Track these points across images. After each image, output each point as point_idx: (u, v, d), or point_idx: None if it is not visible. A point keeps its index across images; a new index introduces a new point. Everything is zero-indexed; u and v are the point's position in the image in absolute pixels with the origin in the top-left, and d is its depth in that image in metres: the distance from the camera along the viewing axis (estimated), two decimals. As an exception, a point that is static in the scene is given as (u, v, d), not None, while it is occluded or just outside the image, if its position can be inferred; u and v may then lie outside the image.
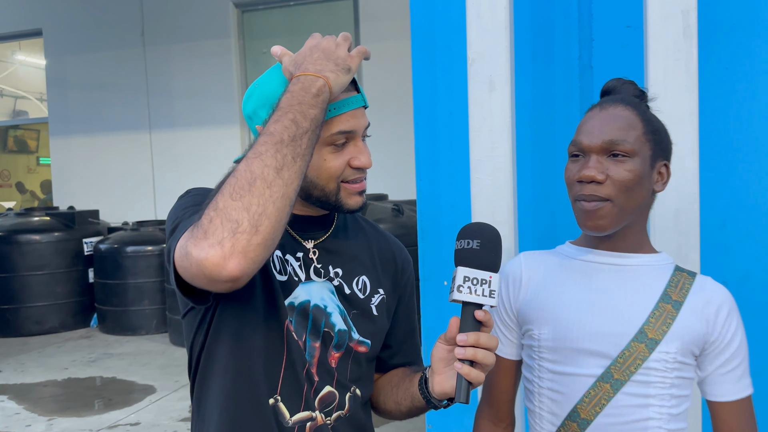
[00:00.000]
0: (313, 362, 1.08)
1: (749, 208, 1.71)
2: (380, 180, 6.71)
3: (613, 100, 1.12)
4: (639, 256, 1.13)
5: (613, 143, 1.06)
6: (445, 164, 1.91)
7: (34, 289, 6.10)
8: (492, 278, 0.96)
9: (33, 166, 11.02)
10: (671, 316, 1.08)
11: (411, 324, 1.27)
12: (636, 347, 1.07)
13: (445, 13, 1.86)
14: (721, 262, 1.73)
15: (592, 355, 1.09)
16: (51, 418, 3.97)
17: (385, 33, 6.27)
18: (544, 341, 1.13)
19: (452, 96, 1.88)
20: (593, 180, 1.05)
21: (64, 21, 7.70)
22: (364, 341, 1.14)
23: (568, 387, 1.11)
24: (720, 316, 1.09)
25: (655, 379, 1.07)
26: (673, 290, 1.10)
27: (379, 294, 1.17)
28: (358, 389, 1.14)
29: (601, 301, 1.10)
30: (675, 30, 1.46)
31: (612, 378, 1.07)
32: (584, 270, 1.14)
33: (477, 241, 0.98)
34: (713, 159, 1.72)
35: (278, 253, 1.08)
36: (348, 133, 1.04)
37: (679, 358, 1.08)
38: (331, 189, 1.05)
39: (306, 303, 1.08)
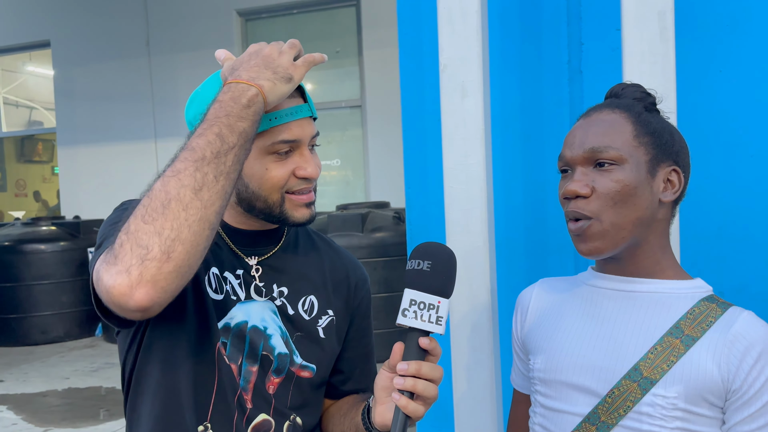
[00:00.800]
0: (249, 387, 1.02)
1: (746, 216, 1.66)
2: (382, 188, 6.68)
3: (601, 106, 1.01)
4: (653, 282, 0.98)
5: (595, 151, 0.94)
6: (433, 173, 1.87)
7: (40, 299, 6.13)
8: (441, 303, 0.88)
9: (48, 176, 11.13)
10: (676, 354, 0.90)
11: (365, 348, 1.19)
12: (627, 386, 0.91)
13: (429, 20, 1.83)
14: (717, 271, 1.67)
15: (582, 392, 0.96)
16: (47, 429, 3.96)
17: (387, 40, 6.25)
18: (537, 371, 1.03)
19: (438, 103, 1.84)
20: (578, 195, 0.94)
21: (72, 32, 7.77)
22: (308, 366, 1.07)
23: (555, 425, 0.99)
24: (747, 359, 0.88)
25: (648, 427, 0.90)
26: (689, 323, 0.92)
27: (328, 315, 1.10)
28: (299, 417, 1.07)
29: (600, 331, 0.97)
30: (651, 32, 1.40)
31: (599, 420, 0.93)
32: (589, 296, 1.02)
33: (428, 262, 0.90)
34: (706, 166, 1.67)
35: (215, 271, 1.02)
36: (291, 142, 0.99)
37: (681, 405, 0.89)
38: (275, 200, 1.00)
39: (243, 324, 1.02)
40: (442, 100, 1.55)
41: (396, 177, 5.92)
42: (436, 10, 1.65)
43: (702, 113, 1.67)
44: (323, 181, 7.33)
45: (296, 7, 7.04)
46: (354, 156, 7.16)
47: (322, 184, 7.32)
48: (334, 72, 7.20)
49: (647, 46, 1.40)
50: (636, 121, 0.97)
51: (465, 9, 1.52)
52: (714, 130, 1.66)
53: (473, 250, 1.52)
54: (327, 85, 7.30)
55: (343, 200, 6.87)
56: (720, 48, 1.64)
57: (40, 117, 10.18)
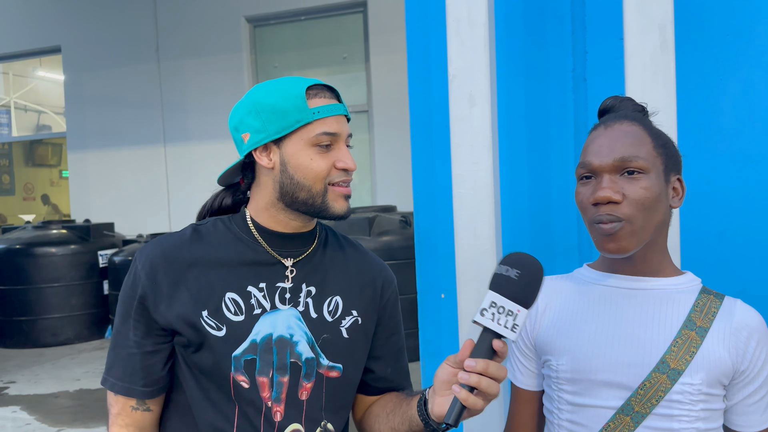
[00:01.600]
0: (281, 398, 1.07)
1: (747, 220, 1.70)
2: (388, 191, 6.74)
3: (617, 117, 1.07)
4: (660, 280, 1.07)
5: (625, 160, 1.01)
6: (441, 178, 1.92)
7: (50, 301, 6.20)
8: (520, 312, 0.92)
9: (56, 180, 11.22)
10: (695, 344, 1.01)
11: (395, 345, 1.24)
12: (657, 378, 1.00)
13: (438, 31, 1.88)
14: (718, 275, 1.71)
15: (612, 387, 1.04)
16: (60, 429, 4.03)
17: (395, 45, 6.31)
18: (563, 372, 1.08)
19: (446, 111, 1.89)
20: (610, 200, 1.00)
21: (82, 38, 7.86)
22: (335, 366, 1.12)
23: (587, 419, 1.05)
24: (750, 344, 1.02)
25: (678, 412, 1.00)
26: (698, 315, 1.03)
27: (352, 316, 1.15)
28: (330, 423, 1.12)
29: (621, 329, 1.05)
30: (652, 44, 1.46)
31: (632, 410, 1.01)
32: (603, 296, 1.09)
33: (517, 271, 0.93)
34: (709, 171, 1.71)
35: (231, 295, 1.08)
36: (332, 135, 1.06)
37: (705, 389, 1.00)
38: (318, 190, 1.07)
39: (268, 337, 1.07)
40: (450, 109, 1.61)
41: (402, 181, 5.99)
42: (444, 22, 1.71)
43: (704, 120, 1.71)
44: (330, 186, 7.38)
45: (304, 13, 7.12)
46: (361, 160, 7.22)
47: (329, 188, 7.37)
48: (342, 77, 7.27)
49: (648, 57, 1.45)
50: (651, 133, 1.06)
51: (473, 21, 1.57)
52: (715, 137, 1.71)
53: (481, 254, 1.58)
54: (334, 90, 7.36)
55: (351, 204, 6.92)
56: (721, 56, 1.68)
57: (48, 121, 10.28)
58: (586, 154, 1.06)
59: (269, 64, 7.37)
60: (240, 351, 1.06)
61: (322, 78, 7.62)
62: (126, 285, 1.11)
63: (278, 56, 7.39)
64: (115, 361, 1.11)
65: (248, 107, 1.09)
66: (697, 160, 1.71)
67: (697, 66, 1.69)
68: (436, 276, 1.97)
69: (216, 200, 1.22)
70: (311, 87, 1.08)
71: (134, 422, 1.11)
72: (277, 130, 1.06)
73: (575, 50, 1.88)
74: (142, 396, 1.10)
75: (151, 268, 1.08)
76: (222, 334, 1.06)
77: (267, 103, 1.07)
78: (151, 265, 1.08)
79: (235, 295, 1.08)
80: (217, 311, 1.07)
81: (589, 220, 1.05)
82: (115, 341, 1.11)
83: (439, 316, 1.97)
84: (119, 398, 1.10)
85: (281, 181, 1.08)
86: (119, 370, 1.10)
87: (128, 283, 1.10)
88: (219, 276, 1.09)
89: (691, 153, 1.70)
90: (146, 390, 1.10)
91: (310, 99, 1.07)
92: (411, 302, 5.28)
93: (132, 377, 1.09)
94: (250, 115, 1.08)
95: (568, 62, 1.89)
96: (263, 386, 1.07)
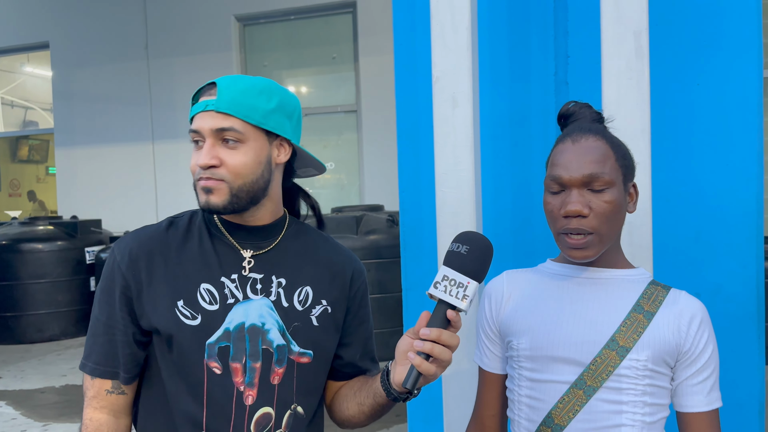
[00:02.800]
0: (254, 383, 1.13)
1: (722, 221, 1.75)
2: (376, 191, 6.78)
3: (582, 131, 1.15)
4: (614, 271, 1.17)
5: (592, 177, 1.10)
6: (426, 178, 1.96)
7: (36, 297, 6.19)
8: (470, 284, 1.00)
9: (42, 176, 11.15)
10: (642, 326, 1.11)
11: (364, 333, 1.30)
12: (607, 354, 1.10)
13: (423, 34, 1.93)
14: (694, 274, 1.77)
15: (567, 363, 1.13)
16: (46, 424, 4.04)
17: (383, 46, 6.36)
18: (522, 350, 1.17)
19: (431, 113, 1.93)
20: (579, 214, 1.10)
21: (71, 34, 7.84)
22: (306, 352, 1.18)
23: (543, 393, 1.14)
24: (692, 327, 1.12)
25: (626, 386, 1.10)
26: (646, 301, 1.14)
27: (322, 305, 1.21)
28: (301, 407, 1.18)
29: (576, 311, 1.15)
30: (627, 50, 1.51)
31: (585, 384, 1.11)
32: (561, 284, 1.19)
33: (467, 247, 1.03)
34: (683, 175, 1.77)
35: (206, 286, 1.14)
36: (195, 132, 1.12)
37: (650, 365, 1.10)
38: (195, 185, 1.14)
39: (241, 325, 1.13)
40: (434, 110, 1.66)
41: (390, 180, 6.03)
42: (427, 23, 1.75)
43: (678, 124, 1.77)
44: (319, 184, 7.42)
45: (294, 13, 7.14)
46: (349, 160, 7.26)
47: (317, 186, 7.40)
48: (331, 77, 7.31)
49: (624, 63, 1.51)
50: (613, 147, 1.14)
51: (456, 25, 1.62)
52: (690, 140, 1.76)
53: (462, 250, 1.63)
54: (323, 89, 7.40)
55: (338, 203, 6.97)
56: (695, 62, 1.74)
57: (35, 117, 10.22)
58: (555, 168, 1.13)
59: (258, 63, 7.39)
60: (214, 339, 1.12)
61: (312, 78, 7.64)
62: (105, 275, 1.16)
63: (267, 55, 7.41)
64: (93, 346, 1.16)
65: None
66: (671, 162, 1.77)
67: (671, 71, 1.75)
68: (421, 274, 2.01)
69: None
70: (202, 87, 1.14)
71: (109, 405, 1.16)
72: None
73: (557, 54, 1.93)
74: (120, 380, 1.16)
75: (130, 258, 1.14)
76: (197, 322, 1.12)
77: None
78: (130, 256, 1.14)
79: (210, 285, 1.14)
80: (192, 301, 1.12)
81: (557, 230, 1.14)
82: (94, 328, 1.16)
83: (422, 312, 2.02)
84: (95, 382, 1.16)
85: None
86: (96, 355, 1.15)
87: (107, 272, 1.16)
88: (195, 267, 1.15)
89: (665, 156, 1.76)
90: (126, 376, 1.15)
91: (199, 100, 1.13)
92: (397, 300, 5.33)
93: (111, 361, 1.15)
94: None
95: (550, 66, 1.94)
96: (236, 372, 1.12)
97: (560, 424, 1.11)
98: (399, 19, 2.01)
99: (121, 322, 1.14)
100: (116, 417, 1.17)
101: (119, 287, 1.13)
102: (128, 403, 1.19)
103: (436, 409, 1.86)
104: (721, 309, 1.75)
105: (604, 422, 1.10)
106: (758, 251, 1.72)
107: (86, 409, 1.17)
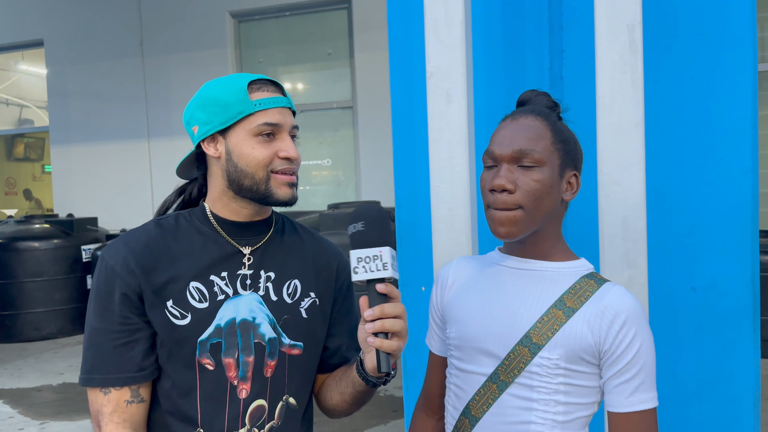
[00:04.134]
0: (248, 377, 1.15)
1: (716, 215, 1.76)
2: (372, 187, 6.78)
3: (524, 111, 1.14)
4: (545, 263, 1.15)
5: (522, 153, 1.09)
6: (422, 173, 1.97)
7: (33, 296, 6.18)
8: (382, 252, 1.02)
9: (38, 174, 11.13)
10: (559, 322, 1.08)
11: (349, 324, 1.32)
12: (520, 351, 1.09)
13: (418, 30, 1.93)
14: (689, 268, 1.77)
15: (486, 355, 1.13)
16: (43, 422, 4.04)
17: (379, 42, 6.35)
18: (452, 339, 1.18)
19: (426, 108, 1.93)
20: (504, 189, 1.08)
21: (65, 32, 7.82)
22: (296, 344, 1.20)
23: (466, 383, 1.15)
24: (614, 326, 1.07)
25: (537, 384, 1.08)
26: (570, 297, 1.10)
27: (310, 297, 1.24)
28: (293, 398, 1.20)
29: (499, 303, 1.14)
30: (621, 44, 1.51)
31: (498, 378, 1.11)
32: (494, 274, 1.18)
33: (361, 222, 1.04)
34: (678, 170, 1.77)
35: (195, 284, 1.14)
36: (273, 125, 1.14)
37: (563, 364, 1.07)
38: (261, 177, 1.14)
39: (231, 321, 1.15)
40: (428, 106, 1.66)
41: (386, 177, 6.01)
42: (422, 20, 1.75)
43: (674, 118, 1.77)
44: (315, 180, 7.42)
45: (289, 9, 7.13)
46: (345, 156, 7.25)
47: (313, 183, 7.40)
48: (326, 73, 7.30)
49: (618, 57, 1.51)
50: (553, 130, 1.12)
51: (450, 21, 1.62)
52: (685, 134, 1.77)
53: (457, 245, 1.63)
54: (319, 86, 7.39)
55: (335, 199, 6.97)
56: (689, 56, 1.74)
57: (31, 115, 10.19)
58: (491, 143, 1.13)
59: (254, 60, 7.38)
60: (206, 336, 1.13)
61: (308, 74, 7.63)
62: (99, 283, 1.13)
63: (263, 52, 7.40)
64: (97, 357, 1.11)
65: (197, 102, 1.19)
66: (665, 156, 1.77)
67: (665, 65, 1.75)
68: (417, 269, 2.01)
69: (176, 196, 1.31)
70: (254, 81, 1.16)
71: (131, 417, 1.12)
72: (222, 121, 1.14)
73: (552, 49, 1.93)
74: (137, 381, 1.12)
75: (123, 260, 1.13)
76: (187, 321, 1.13)
77: (212, 97, 1.16)
78: (123, 258, 1.13)
79: (199, 284, 1.15)
80: (181, 300, 1.13)
81: (486, 204, 1.13)
82: (94, 339, 1.12)
83: (419, 308, 2.02)
84: (111, 395, 1.11)
85: (227, 169, 1.16)
86: (108, 365, 1.11)
87: (102, 280, 1.13)
88: (183, 268, 1.15)
89: (659, 150, 1.76)
90: (139, 375, 1.12)
91: (253, 92, 1.15)
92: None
93: (123, 366, 1.11)
94: (198, 108, 1.17)
95: (545, 61, 1.94)
96: (229, 367, 1.14)
97: (476, 416, 1.12)
98: (393, 15, 2.01)
99: (129, 323, 1.12)
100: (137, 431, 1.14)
101: (119, 291, 1.12)
102: (146, 411, 1.15)
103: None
104: (716, 303, 1.75)
105: (514, 417, 1.09)
106: (753, 245, 1.72)
107: (107, 427, 1.10)
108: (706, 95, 1.74)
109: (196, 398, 1.13)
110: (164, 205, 1.31)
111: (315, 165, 7.34)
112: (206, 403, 1.13)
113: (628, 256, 1.52)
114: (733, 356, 1.74)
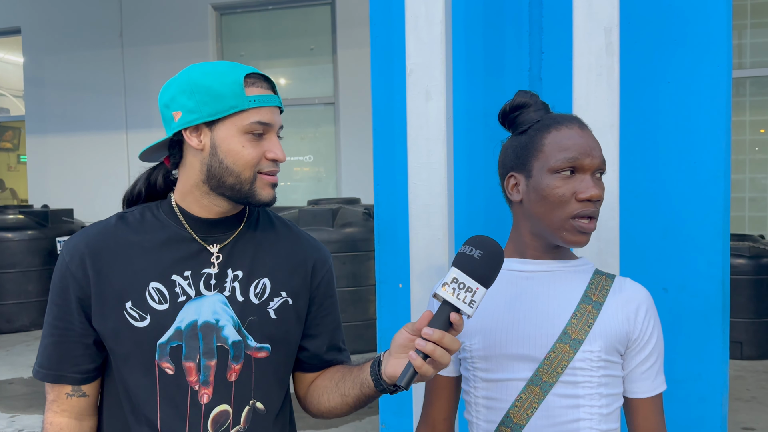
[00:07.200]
0: (209, 381, 1.11)
1: (689, 217, 1.78)
2: (353, 184, 6.77)
3: (580, 121, 1.16)
4: (560, 262, 1.17)
5: (603, 163, 1.13)
6: (400, 170, 1.96)
7: (5, 287, 6.08)
8: (478, 290, 0.99)
9: (14, 164, 10.94)
10: (592, 316, 1.11)
11: (330, 324, 1.26)
12: (561, 348, 1.09)
13: (399, 27, 1.93)
14: (661, 270, 1.80)
15: (521, 360, 1.11)
16: (13, 415, 3.98)
17: (362, 39, 6.33)
18: (476, 351, 1.15)
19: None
20: (599, 199, 1.10)
21: (43, 19, 7.69)
22: (263, 347, 1.15)
23: (500, 393, 1.13)
24: (639, 314, 1.13)
25: (582, 379, 1.09)
26: (593, 292, 1.14)
27: (281, 297, 1.17)
28: (260, 402, 1.15)
29: (526, 306, 1.13)
30: (598, 46, 1.53)
31: (541, 380, 1.09)
32: (510, 279, 1.16)
33: (480, 251, 1.00)
34: (652, 172, 1.79)
35: (155, 285, 1.10)
36: (265, 125, 1.10)
37: (604, 356, 1.10)
38: (247, 177, 1.09)
39: (193, 323, 1.10)
40: (408, 103, 1.66)
41: (367, 173, 6.00)
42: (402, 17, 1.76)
43: (649, 120, 1.79)
44: (296, 177, 7.39)
45: (271, 3, 7.09)
46: (326, 152, 7.23)
47: (294, 179, 7.37)
48: (308, 69, 7.27)
49: (594, 58, 1.53)
50: None
51: (430, 18, 1.62)
52: (658, 136, 1.79)
53: (434, 242, 1.63)
54: (301, 81, 7.36)
55: (315, 196, 6.95)
56: (665, 59, 1.76)
57: (6, 104, 10.01)
58: (569, 152, 1.10)
59: (235, 53, 7.32)
60: (165, 339, 1.09)
61: (290, 69, 7.58)
62: (55, 277, 1.12)
63: (244, 45, 7.35)
64: (44, 351, 1.13)
65: (182, 86, 1.09)
66: (639, 158, 1.79)
67: (641, 68, 1.77)
68: (395, 266, 2.01)
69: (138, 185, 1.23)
70: (249, 75, 1.10)
71: (70, 408, 1.14)
72: (211, 113, 1.08)
73: (532, 50, 1.95)
74: (75, 382, 1.13)
75: (80, 259, 1.10)
76: (145, 324, 1.09)
77: (203, 85, 1.08)
78: (80, 257, 1.10)
79: (159, 284, 1.10)
80: (140, 301, 1.09)
81: (566, 214, 1.10)
82: (45, 331, 1.13)
83: (396, 305, 2.02)
84: (55, 386, 1.13)
85: (209, 163, 1.10)
86: (50, 360, 1.12)
87: (57, 275, 1.12)
88: (144, 265, 1.11)
89: (633, 152, 1.78)
90: (78, 377, 1.12)
91: (248, 87, 1.09)
92: (373, 293, 5.31)
93: (62, 365, 1.12)
94: (184, 94, 1.09)
95: (524, 62, 1.95)
96: (190, 371, 1.10)
97: (519, 423, 1.10)
98: (375, 12, 2.01)
99: (75, 323, 1.11)
100: (79, 419, 1.14)
101: (71, 288, 1.10)
102: (91, 404, 1.16)
103: (407, 402, 1.87)
104: (687, 304, 1.78)
105: (563, 417, 1.09)
106: (724, 248, 1.75)
107: (47, 413, 1.14)
108: (681, 99, 1.77)
109: (155, 403, 1.09)
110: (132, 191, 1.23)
111: (296, 161, 7.31)
112: (166, 407, 1.09)
113: (601, 256, 1.54)
114: (703, 356, 1.77)
